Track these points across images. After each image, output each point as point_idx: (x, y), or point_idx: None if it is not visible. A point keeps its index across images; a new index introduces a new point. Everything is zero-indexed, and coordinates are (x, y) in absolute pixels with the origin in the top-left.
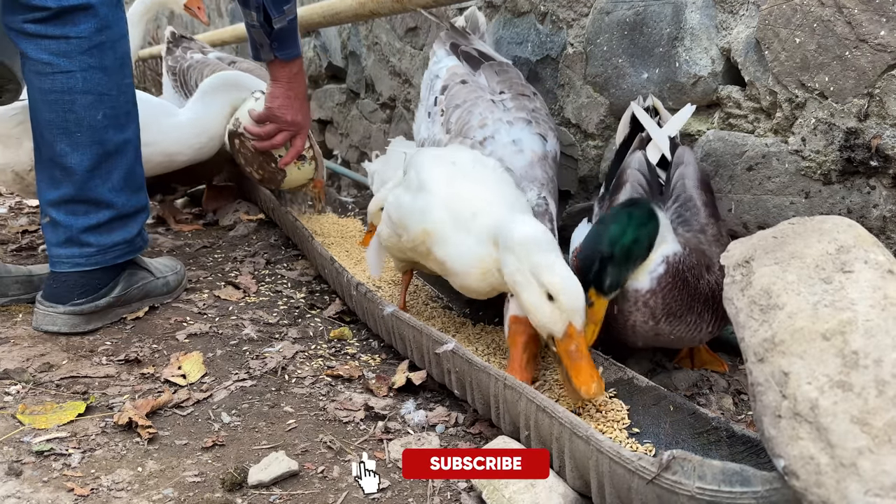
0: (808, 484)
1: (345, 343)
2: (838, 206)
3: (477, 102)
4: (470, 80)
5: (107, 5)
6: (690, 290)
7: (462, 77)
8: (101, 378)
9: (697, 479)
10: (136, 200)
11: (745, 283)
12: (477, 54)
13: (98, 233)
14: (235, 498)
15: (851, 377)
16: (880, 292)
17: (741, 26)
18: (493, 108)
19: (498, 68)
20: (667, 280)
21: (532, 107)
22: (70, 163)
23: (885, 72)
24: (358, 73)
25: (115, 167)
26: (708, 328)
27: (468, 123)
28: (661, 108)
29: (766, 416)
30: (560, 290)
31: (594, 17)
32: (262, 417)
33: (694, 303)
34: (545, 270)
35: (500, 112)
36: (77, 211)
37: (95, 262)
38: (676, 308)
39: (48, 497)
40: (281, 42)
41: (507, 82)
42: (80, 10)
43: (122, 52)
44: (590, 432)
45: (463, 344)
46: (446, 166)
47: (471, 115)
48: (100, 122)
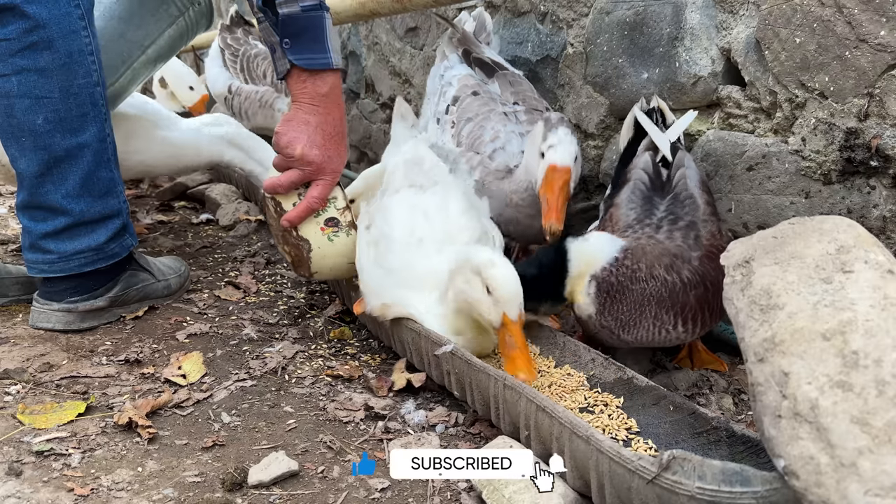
0: (808, 484)
1: (345, 343)
2: (838, 206)
3: (489, 116)
4: (482, 91)
5: (36, 3)
6: (636, 295)
7: (473, 88)
8: (102, 378)
9: (697, 479)
10: (101, 206)
11: (745, 283)
12: (490, 62)
13: (57, 239)
14: (235, 498)
15: (851, 377)
16: (880, 292)
17: (741, 26)
18: (505, 122)
19: (512, 79)
20: (602, 296)
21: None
22: (20, 168)
23: (885, 72)
24: (358, 73)
25: (69, 173)
26: (677, 327)
27: (480, 138)
28: (666, 110)
29: (766, 416)
30: (496, 284)
31: (594, 17)
32: (262, 417)
33: (645, 306)
34: (484, 266)
35: (513, 125)
36: (36, 216)
37: (60, 269)
38: (627, 318)
39: (48, 497)
40: (295, 39)
41: (521, 94)
42: (4, 12)
43: (67, 51)
44: (590, 432)
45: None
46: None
47: (483, 130)
48: (41, 127)
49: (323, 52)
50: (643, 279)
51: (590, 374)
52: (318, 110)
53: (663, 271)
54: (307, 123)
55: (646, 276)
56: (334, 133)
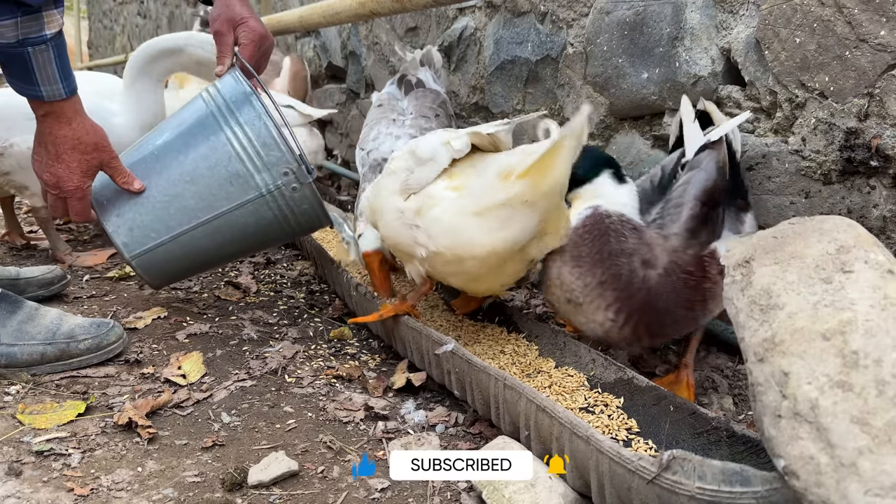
0: (808, 484)
1: (345, 343)
2: (838, 206)
3: (379, 121)
4: (385, 103)
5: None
6: (605, 249)
7: (380, 101)
8: (101, 378)
9: (697, 479)
10: None
11: (745, 283)
12: (415, 82)
13: None
14: (235, 498)
15: (851, 377)
16: (880, 292)
17: (741, 26)
18: (391, 125)
19: (420, 94)
20: (587, 222)
21: (427, 126)
22: None
23: (885, 72)
24: (358, 73)
25: None
26: (610, 315)
27: (365, 138)
28: (714, 112)
29: (766, 416)
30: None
31: (594, 17)
32: (262, 417)
33: (602, 266)
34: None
35: (395, 127)
36: None
37: None
38: (585, 254)
39: (48, 497)
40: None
41: (419, 106)
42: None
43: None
44: (590, 432)
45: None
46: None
47: (370, 131)
48: None
49: (31, 84)
50: (620, 246)
51: (590, 375)
52: (40, 129)
53: (637, 261)
54: (38, 144)
55: (622, 247)
56: (62, 151)
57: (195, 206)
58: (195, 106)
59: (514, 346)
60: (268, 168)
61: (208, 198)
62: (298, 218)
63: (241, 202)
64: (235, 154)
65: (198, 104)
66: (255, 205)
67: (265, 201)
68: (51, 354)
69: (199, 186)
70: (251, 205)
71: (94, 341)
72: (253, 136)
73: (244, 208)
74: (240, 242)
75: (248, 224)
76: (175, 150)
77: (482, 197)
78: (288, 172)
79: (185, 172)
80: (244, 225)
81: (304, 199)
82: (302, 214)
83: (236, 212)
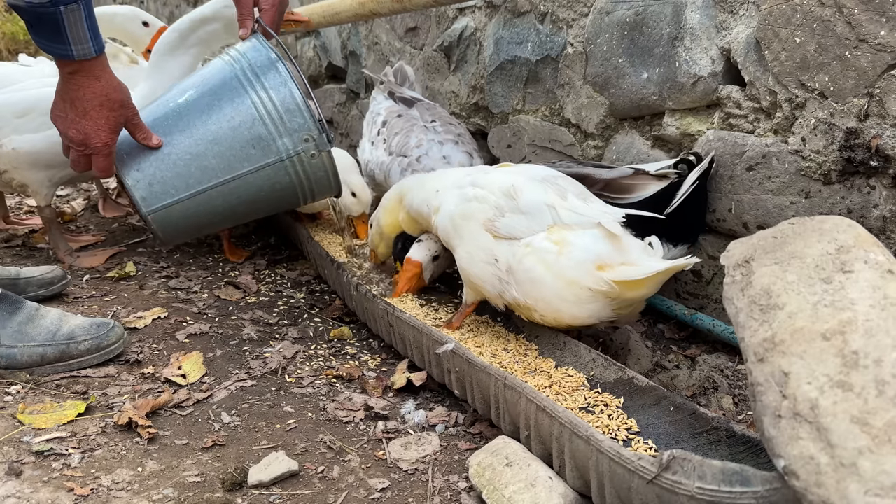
0: (808, 484)
1: (345, 343)
2: (838, 206)
3: (413, 129)
4: (405, 114)
5: None
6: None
7: (398, 112)
8: (101, 378)
9: (697, 479)
10: None
11: (745, 283)
12: (409, 97)
13: None
14: (235, 498)
15: (851, 377)
16: (880, 292)
17: (741, 26)
18: (426, 132)
19: (428, 105)
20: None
21: (458, 131)
22: None
23: (885, 72)
24: (358, 73)
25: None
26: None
27: (406, 144)
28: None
29: (766, 416)
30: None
31: (594, 17)
32: (262, 417)
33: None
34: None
35: (433, 134)
36: None
37: None
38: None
39: (48, 497)
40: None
41: (437, 114)
42: None
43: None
44: (590, 432)
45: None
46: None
47: (409, 139)
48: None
49: (62, 44)
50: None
51: (590, 375)
52: (66, 87)
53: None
54: (63, 100)
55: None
56: (90, 107)
57: (216, 165)
58: (217, 67)
59: (515, 346)
60: (290, 133)
61: (229, 158)
62: (313, 184)
63: (260, 165)
64: (259, 117)
65: (220, 65)
66: (274, 168)
67: (283, 166)
68: (51, 356)
69: (222, 147)
70: (270, 168)
71: (94, 342)
72: (277, 101)
73: (262, 171)
74: (252, 204)
75: (262, 187)
76: (199, 109)
77: (577, 269)
78: (308, 139)
79: (208, 132)
80: (259, 188)
81: (320, 166)
82: (317, 182)
83: (255, 174)
